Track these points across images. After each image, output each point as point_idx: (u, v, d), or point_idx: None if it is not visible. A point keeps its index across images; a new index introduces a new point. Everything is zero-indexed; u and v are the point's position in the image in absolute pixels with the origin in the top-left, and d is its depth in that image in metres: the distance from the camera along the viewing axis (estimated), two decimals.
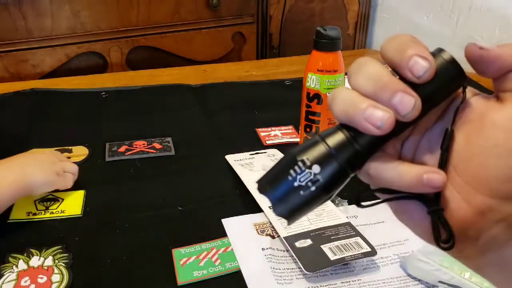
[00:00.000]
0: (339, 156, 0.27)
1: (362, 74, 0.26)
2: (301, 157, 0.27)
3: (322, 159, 0.27)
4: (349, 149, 0.27)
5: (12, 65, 1.26)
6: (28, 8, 1.23)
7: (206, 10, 1.41)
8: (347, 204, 0.69)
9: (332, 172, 0.27)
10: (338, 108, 0.27)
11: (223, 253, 0.61)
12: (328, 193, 0.27)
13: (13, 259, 0.60)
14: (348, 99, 0.26)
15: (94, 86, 1.08)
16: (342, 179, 0.27)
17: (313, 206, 0.28)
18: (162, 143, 0.86)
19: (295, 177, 0.27)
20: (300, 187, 0.27)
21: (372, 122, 0.25)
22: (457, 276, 0.54)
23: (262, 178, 0.29)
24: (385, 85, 0.25)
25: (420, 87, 0.26)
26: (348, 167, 0.27)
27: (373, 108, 0.25)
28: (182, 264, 0.59)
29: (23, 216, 0.67)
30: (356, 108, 0.25)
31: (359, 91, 0.26)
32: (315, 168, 0.27)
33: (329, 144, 0.27)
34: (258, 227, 0.65)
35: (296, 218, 0.29)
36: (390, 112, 0.25)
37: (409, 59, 0.25)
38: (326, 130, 0.28)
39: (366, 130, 0.25)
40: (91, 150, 0.84)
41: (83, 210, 0.69)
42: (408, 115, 0.25)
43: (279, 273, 0.58)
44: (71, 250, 0.61)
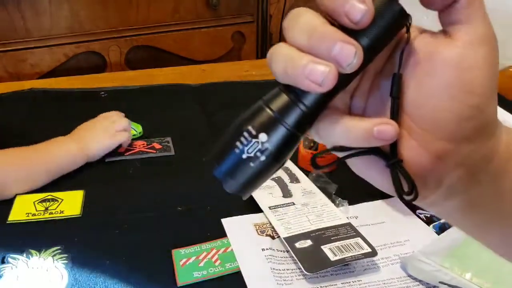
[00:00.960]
0: (285, 120, 0.25)
1: (297, 26, 0.24)
2: (246, 126, 0.25)
3: (268, 126, 0.25)
4: (295, 111, 0.25)
5: (10, 65, 1.26)
6: (27, 8, 1.22)
7: (206, 9, 1.40)
8: (347, 205, 0.69)
9: (280, 138, 0.25)
10: (277, 68, 0.25)
11: (223, 253, 0.61)
12: (280, 161, 0.26)
13: (12, 259, 0.59)
14: (286, 56, 0.24)
15: (93, 86, 1.08)
16: (292, 144, 0.26)
17: (266, 176, 0.26)
18: (161, 143, 0.86)
19: (243, 149, 0.25)
20: (249, 159, 0.25)
21: (313, 79, 0.23)
22: (457, 276, 0.54)
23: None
24: (321, 36, 0.23)
25: (360, 33, 0.24)
26: (296, 130, 0.25)
27: (312, 64, 0.23)
28: (182, 265, 0.59)
29: (22, 217, 0.67)
30: (294, 66, 0.24)
31: (296, 46, 0.24)
32: (262, 137, 0.25)
33: (273, 108, 0.25)
34: (258, 227, 0.65)
35: (250, 192, 0.27)
36: (331, 65, 0.23)
37: (345, 4, 0.23)
38: (269, 93, 0.26)
39: (308, 88, 0.24)
40: None
41: (82, 210, 0.69)
42: (350, 66, 0.23)
43: (279, 273, 0.57)
44: (70, 251, 0.61)
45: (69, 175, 0.77)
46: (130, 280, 0.57)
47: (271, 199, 0.69)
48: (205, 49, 1.45)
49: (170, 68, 1.21)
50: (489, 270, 0.54)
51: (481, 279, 0.53)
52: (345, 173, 0.88)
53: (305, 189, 0.72)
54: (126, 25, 1.34)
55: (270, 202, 0.68)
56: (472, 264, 0.55)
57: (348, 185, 0.74)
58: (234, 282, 0.57)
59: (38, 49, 1.27)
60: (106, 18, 1.31)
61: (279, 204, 0.68)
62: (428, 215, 0.68)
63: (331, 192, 0.71)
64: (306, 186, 0.72)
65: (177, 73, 1.18)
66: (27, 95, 1.02)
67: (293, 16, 0.25)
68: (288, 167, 0.77)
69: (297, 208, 0.67)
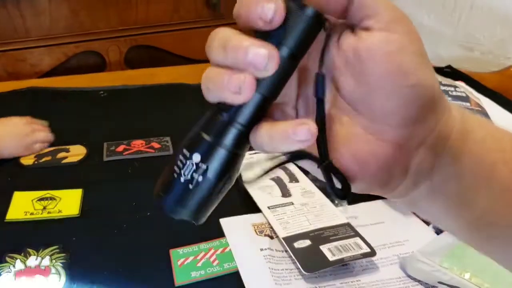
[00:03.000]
0: (213, 137, 0.25)
1: (214, 44, 0.25)
2: (182, 150, 0.25)
3: (199, 146, 0.25)
4: (220, 126, 0.25)
5: (10, 65, 1.26)
6: (27, 7, 1.22)
7: (205, 9, 1.40)
8: (346, 204, 0.69)
9: (213, 156, 0.25)
10: (203, 89, 0.25)
11: (221, 253, 0.61)
12: (222, 180, 0.25)
13: (10, 259, 0.59)
14: (212, 78, 0.25)
15: (93, 85, 1.08)
16: (227, 161, 0.25)
17: (213, 197, 0.26)
18: (160, 143, 0.86)
19: (180, 173, 0.25)
20: (188, 182, 0.25)
21: (231, 89, 0.24)
22: (456, 277, 0.54)
23: (155, 186, 0.27)
24: (235, 47, 0.24)
25: (278, 41, 0.24)
26: (230, 147, 0.25)
27: (228, 76, 0.24)
28: (179, 265, 0.59)
29: (20, 216, 0.67)
30: (215, 83, 0.24)
31: (216, 65, 0.25)
32: (196, 157, 0.25)
33: (203, 127, 0.25)
34: (256, 227, 0.65)
35: (202, 216, 0.27)
36: (245, 74, 0.23)
37: (256, 7, 0.24)
38: (203, 116, 0.26)
39: (230, 100, 0.24)
40: (89, 149, 0.84)
41: (81, 209, 0.69)
42: (267, 68, 0.23)
43: (277, 273, 0.57)
44: (68, 250, 0.61)
45: (67, 173, 0.77)
46: (128, 280, 0.57)
47: (270, 199, 0.69)
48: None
49: (169, 68, 1.21)
50: (488, 270, 0.54)
51: (480, 279, 0.53)
52: None
53: (304, 189, 0.71)
54: (126, 25, 1.34)
55: (269, 202, 0.68)
56: (471, 264, 0.55)
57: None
58: (232, 282, 0.57)
59: (38, 49, 1.27)
60: (105, 18, 1.31)
61: (278, 203, 0.68)
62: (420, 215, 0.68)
63: (330, 194, 0.71)
64: (305, 186, 0.72)
65: (176, 72, 1.18)
66: (25, 94, 1.02)
67: (211, 36, 0.26)
68: (287, 166, 0.77)
69: (296, 208, 0.67)
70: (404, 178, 0.27)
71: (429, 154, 0.26)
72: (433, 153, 0.26)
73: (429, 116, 0.25)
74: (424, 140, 0.26)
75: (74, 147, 0.84)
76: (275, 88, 0.25)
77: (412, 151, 0.26)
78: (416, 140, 0.26)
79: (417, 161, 0.26)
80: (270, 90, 0.25)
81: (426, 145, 0.26)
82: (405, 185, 0.27)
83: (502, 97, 0.98)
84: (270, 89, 0.25)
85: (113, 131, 0.89)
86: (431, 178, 0.27)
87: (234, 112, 0.25)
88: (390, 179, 0.27)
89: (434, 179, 0.27)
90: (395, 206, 0.69)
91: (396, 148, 0.26)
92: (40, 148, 0.82)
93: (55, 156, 0.81)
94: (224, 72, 0.24)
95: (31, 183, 0.74)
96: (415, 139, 0.26)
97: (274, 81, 0.25)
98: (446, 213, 0.29)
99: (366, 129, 0.26)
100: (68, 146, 0.84)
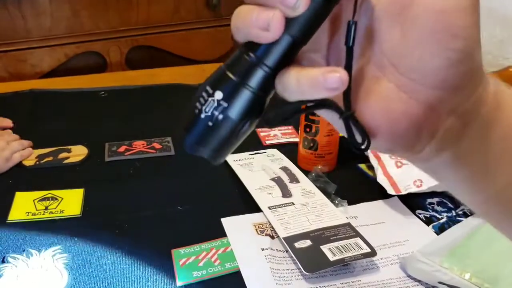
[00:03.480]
0: (238, 76, 0.24)
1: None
2: (205, 86, 0.25)
3: (222, 83, 0.24)
4: (247, 66, 0.24)
5: (11, 65, 1.26)
6: (27, 8, 1.22)
7: (206, 9, 1.40)
8: (347, 205, 0.69)
9: (235, 94, 0.24)
10: (232, 27, 0.25)
11: (222, 253, 0.61)
12: (241, 121, 0.25)
13: (12, 259, 0.60)
14: (242, 15, 0.24)
15: (94, 86, 1.08)
16: (250, 101, 0.25)
17: (232, 138, 0.25)
18: (162, 143, 0.86)
19: (201, 109, 0.25)
20: (208, 118, 0.24)
21: (259, 25, 0.23)
22: (457, 277, 0.54)
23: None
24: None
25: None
26: (253, 87, 0.24)
27: (257, 12, 0.23)
28: (181, 265, 0.59)
29: (22, 216, 0.67)
30: (244, 20, 0.24)
31: (248, 2, 0.24)
32: (218, 95, 0.24)
33: (228, 67, 0.25)
34: (257, 227, 0.65)
35: (220, 156, 0.26)
36: (275, 10, 0.23)
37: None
38: (231, 55, 0.26)
39: (257, 37, 0.24)
40: (90, 150, 0.84)
41: (83, 210, 0.69)
42: (297, 5, 0.23)
43: (278, 273, 0.58)
44: (70, 251, 0.61)
45: (69, 173, 0.78)
46: (130, 280, 0.57)
47: (271, 199, 0.69)
48: (205, 49, 1.45)
49: (170, 68, 1.22)
50: (488, 270, 0.54)
51: (480, 279, 0.53)
52: (345, 173, 0.88)
53: (304, 189, 0.72)
54: (127, 25, 1.34)
55: (270, 202, 0.68)
56: (471, 264, 0.55)
57: (347, 185, 0.74)
58: (234, 282, 0.57)
59: (39, 49, 1.27)
60: (106, 18, 1.31)
61: (278, 204, 0.68)
62: (427, 215, 0.68)
63: (330, 192, 0.71)
64: (305, 186, 0.72)
65: (177, 73, 1.18)
66: (27, 95, 1.03)
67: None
68: (288, 167, 0.78)
69: (296, 208, 0.67)
70: (430, 143, 0.26)
71: (459, 122, 0.26)
72: (463, 122, 0.26)
73: (467, 84, 0.25)
74: (457, 107, 0.25)
75: (75, 148, 0.84)
76: (306, 31, 0.24)
77: (443, 115, 0.25)
78: (449, 106, 0.25)
79: (446, 127, 0.26)
80: (300, 32, 0.24)
81: (457, 113, 0.25)
82: (429, 150, 0.27)
83: None
84: (300, 31, 0.24)
85: (114, 131, 0.90)
86: (457, 146, 0.26)
87: (262, 52, 0.24)
88: (416, 142, 0.26)
89: (460, 147, 0.27)
90: (395, 206, 0.70)
91: (427, 110, 0.25)
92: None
93: (57, 156, 0.82)
94: (254, 8, 0.24)
95: (32, 184, 0.74)
96: (448, 104, 0.25)
97: (305, 23, 0.24)
98: (466, 184, 0.28)
99: (401, 86, 0.25)
100: (70, 146, 0.84)
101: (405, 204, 0.70)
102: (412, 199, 0.70)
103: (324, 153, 0.77)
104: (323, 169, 0.76)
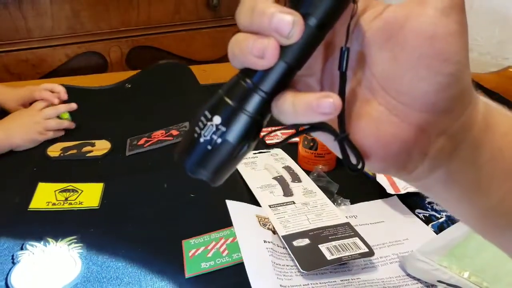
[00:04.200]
0: (235, 101, 0.25)
1: (242, 9, 0.25)
2: (204, 111, 0.26)
3: (220, 108, 0.25)
4: (243, 91, 0.25)
5: (12, 65, 1.26)
6: (28, 8, 1.23)
7: (206, 10, 1.41)
8: (349, 204, 0.69)
9: (233, 119, 0.25)
10: (229, 53, 0.25)
11: (231, 243, 0.61)
12: (240, 144, 0.26)
13: (30, 246, 0.61)
14: (238, 43, 0.25)
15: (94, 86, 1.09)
16: (247, 125, 0.25)
17: (230, 160, 0.26)
18: (179, 129, 0.87)
19: (200, 133, 0.26)
20: (207, 142, 0.25)
21: (255, 53, 0.24)
22: (456, 275, 0.54)
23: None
24: (261, 12, 0.24)
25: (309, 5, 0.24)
26: (251, 112, 0.25)
27: (253, 41, 0.24)
28: (190, 256, 0.59)
29: (43, 206, 0.69)
30: (240, 47, 0.25)
31: (243, 30, 0.25)
32: (216, 119, 0.25)
33: (226, 91, 0.26)
34: (260, 219, 0.65)
35: (218, 179, 0.27)
36: (270, 38, 0.24)
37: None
38: (228, 81, 0.26)
39: (253, 65, 0.24)
40: (113, 144, 0.85)
41: (101, 202, 0.70)
42: (291, 34, 0.23)
43: (279, 268, 0.58)
44: (86, 241, 0.62)
45: (91, 167, 0.79)
46: (141, 272, 0.58)
47: (272, 198, 0.70)
48: (206, 49, 1.45)
49: None
50: (487, 269, 0.54)
51: (479, 278, 0.53)
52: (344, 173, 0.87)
53: (306, 189, 0.72)
54: (127, 26, 1.34)
55: (271, 201, 0.69)
56: (470, 263, 0.55)
57: (347, 185, 0.74)
58: (238, 274, 0.57)
59: (40, 50, 1.27)
60: (107, 19, 1.32)
61: (279, 202, 0.68)
62: (427, 214, 0.69)
63: (333, 191, 0.71)
64: (307, 186, 0.73)
65: None
66: None
67: (240, 2, 0.25)
68: (291, 166, 0.78)
69: (297, 207, 0.67)
70: (422, 163, 0.27)
71: (449, 142, 0.26)
72: (453, 142, 0.26)
73: (457, 107, 0.25)
74: (447, 128, 0.26)
75: (99, 142, 0.86)
76: (300, 57, 0.25)
77: (433, 137, 0.26)
78: (439, 128, 0.26)
79: (436, 147, 0.26)
80: (295, 59, 0.25)
81: (447, 134, 0.26)
82: (422, 170, 0.27)
83: (501, 97, 0.99)
84: (295, 58, 0.25)
85: (138, 124, 0.92)
86: (448, 165, 0.27)
87: (258, 78, 0.25)
88: (407, 162, 0.27)
89: (451, 166, 0.27)
90: (395, 205, 0.70)
91: (418, 132, 0.25)
92: (54, 135, 0.86)
93: (81, 149, 0.84)
94: (249, 37, 0.24)
95: (55, 175, 0.76)
96: (438, 126, 0.26)
97: (299, 50, 0.24)
98: (460, 200, 0.29)
99: (391, 109, 0.26)
100: (94, 140, 0.86)
101: (404, 203, 0.70)
102: (411, 198, 0.70)
103: (324, 153, 0.77)
104: (323, 168, 0.76)
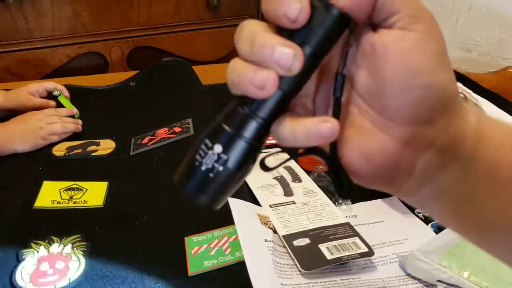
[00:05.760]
0: (235, 129, 0.26)
1: (241, 37, 0.25)
2: (204, 140, 0.27)
3: (220, 137, 0.26)
4: (242, 119, 0.26)
5: (13, 66, 1.26)
6: (29, 9, 1.23)
7: (207, 10, 1.41)
8: (350, 203, 0.70)
9: (234, 147, 0.26)
10: (228, 81, 0.26)
11: (233, 241, 0.61)
12: (240, 170, 0.27)
13: (35, 245, 0.61)
14: (237, 72, 0.25)
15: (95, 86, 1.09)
16: (247, 152, 0.26)
17: (231, 186, 0.27)
18: (182, 126, 0.87)
19: (202, 162, 0.26)
20: (209, 170, 0.26)
21: (255, 84, 0.24)
22: (455, 275, 0.54)
23: (177, 171, 0.28)
24: (262, 43, 0.24)
25: (303, 39, 0.25)
26: (250, 139, 0.26)
27: (253, 72, 0.24)
28: (193, 254, 0.60)
29: (47, 204, 0.69)
30: (240, 77, 0.25)
31: (242, 58, 0.25)
32: (217, 148, 0.26)
33: (225, 120, 0.26)
34: (261, 218, 0.66)
35: (219, 202, 0.28)
36: (270, 70, 0.24)
37: (282, 5, 0.24)
38: (225, 108, 0.27)
39: (253, 95, 0.25)
40: (118, 143, 0.86)
41: (105, 201, 0.71)
42: (292, 67, 0.24)
43: (280, 267, 0.58)
44: (90, 239, 0.63)
45: (95, 166, 0.80)
46: (143, 270, 0.58)
47: (273, 198, 0.70)
48: (206, 50, 1.46)
49: None
50: (487, 268, 0.54)
51: (479, 277, 0.53)
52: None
53: (306, 188, 0.72)
54: (128, 26, 1.35)
55: (271, 201, 0.69)
56: (470, 263, 0.55)
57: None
58: (240, 273, 0.56)
59: (41, 50, 1.28)
60: (108, 19, 1.32)
61: (280, 202, 0.69)
62: (426, 214, 0.69)
63: (333, 191, 0.72)
64: (307, 186, 0.73)
65: None
66: None
67: (239, 28, 0.26)
68: (291, 166, 0.78)
69: (297, 207, 0.68)
70: (410, 177, 0.27)
71: (437, 156, 0.26)
72: (442, 156, 0.26)
73: (439, 118, 0.25)
74: (433, 141, 0.26)
75: (104, 141, 0.86)
76: (296, 86, 0.26)
77: (420, 151, 0.26)
78: (425, 141, 0.26)
79: (423, 162, 0.26)
80: (291, 87, 0.26)
81: (435, 147, 0.26)
82: (411, 185, 0.27)
83: (500, 97, 0.99)
84: (291, 87, 0.26)
85: (141, 123, 0.92)
86: (438, 179, 0.27)
87: (256, 106, 0.26)
88: (395, 177, 0.27)
89: (442, 180, 0.27)
90: (395, 205, 0.70)
91: (403, 146, 0.26)
92: (59, 138, 0.85)
93: (86, 148, 0.84)
94: (249, 67, 0.25)
95: (60, 173, 0.77)
96: (423, 139, 0.26)
97: (296, 79, 0.25)
98: (454, 215, 0.29)
99: (375, 124, 0.26)
100: (99, 140, 0.86)
101: (404, 203, 0.70)
102: None
103: None
104: (324, 168, 0.76)
